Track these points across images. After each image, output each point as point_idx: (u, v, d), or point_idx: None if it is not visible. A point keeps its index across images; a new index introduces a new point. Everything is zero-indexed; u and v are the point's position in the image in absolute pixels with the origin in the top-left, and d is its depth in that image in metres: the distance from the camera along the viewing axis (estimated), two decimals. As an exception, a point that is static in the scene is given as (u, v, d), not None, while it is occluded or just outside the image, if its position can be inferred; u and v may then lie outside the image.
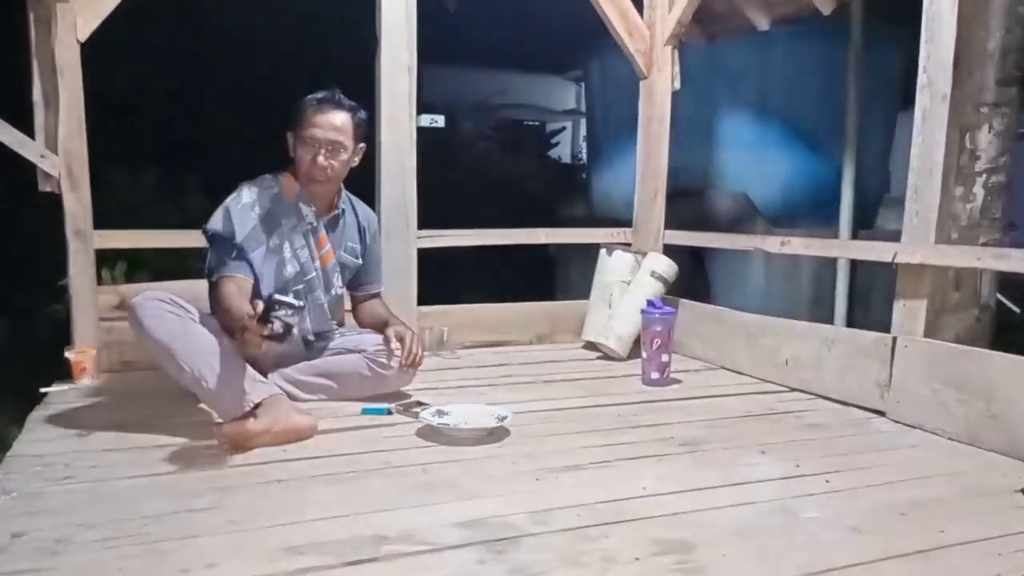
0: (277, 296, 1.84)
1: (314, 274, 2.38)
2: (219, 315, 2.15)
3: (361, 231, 2.55)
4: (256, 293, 2.20)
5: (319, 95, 2.30)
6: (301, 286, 2.34)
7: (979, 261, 2.22)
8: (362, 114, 2.37)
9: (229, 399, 1.95)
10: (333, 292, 2.45)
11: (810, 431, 2.21)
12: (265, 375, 2.24)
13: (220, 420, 1.94)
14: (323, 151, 2.26)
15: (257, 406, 1.96)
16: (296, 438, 2.00)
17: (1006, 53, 2.73)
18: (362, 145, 2.39)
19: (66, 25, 2.49)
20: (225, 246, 2.21)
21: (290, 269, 2.32)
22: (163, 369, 2.05)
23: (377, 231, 2.65)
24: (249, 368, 2.05)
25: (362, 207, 2.58)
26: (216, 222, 2.23)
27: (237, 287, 2.16)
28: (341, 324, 2.56)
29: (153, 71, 6.14)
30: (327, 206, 2.41)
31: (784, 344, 2.73)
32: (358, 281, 2.59)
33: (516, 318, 3.41)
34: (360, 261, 2.55)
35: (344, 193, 2.48)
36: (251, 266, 2.22)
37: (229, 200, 2.26)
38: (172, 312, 2.03)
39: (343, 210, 2.46)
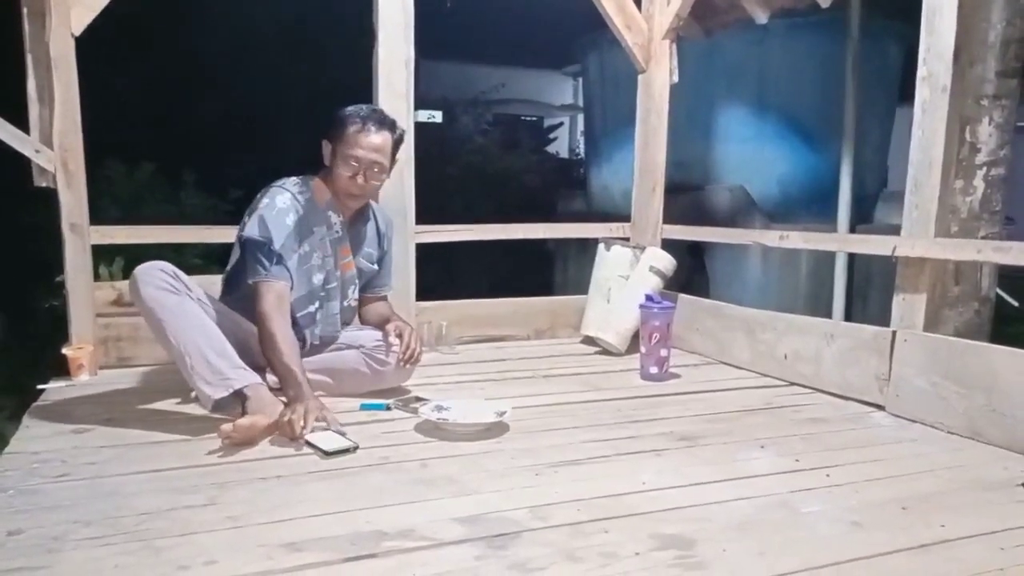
0: (329, 451, 1.86)
1: (335, 284, 2.38)
2: (265, 344, 2.12)
3: (380, 236, 2.55)
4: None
5: (363, 112, 2.29)
6: (323, 294, 2.36)
7: (979, 254, 2.21)
8: (400, 131, 2.38)
9: (209, 381, 1.97)
10: (346, 303, 2.46)
11: (810, 425, 2.21)
12: (263, 369, 2.24)
13: (228, 418, 1.94)
14: (363, 172, 2.27)
15: (239, 395, 1.99)
16: (278, 428, 2.01)
17: (1007, 45, 2.72)
18: (396, 159, 2.41)
19: (60, 19, 2.47)
20: (263, 251, 2.18)
21: (318, 277, 2.32)
22: (155, 338, 2.08)
23: (392, 235, 2.63)
24: (233, 354, 2.06)
25: (381, 212, 2.59)
26: (252, 230, 2.20)
27: (277, 296, 2.15)
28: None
29: (150, 65, 6.12)
30: (355, 215, 2.43)
31: (783, 338, 2.73)
32: (371, 284, 2.58)
33: (515, 313, 3.41)
34: (376, 267, 2.55)
35: (373, 205, 2.51)
36: (289, 271, 2.21)
37: (263, 207, 2.22)
38: (170, 284, 2.06)
39: (367, 223, 2.48)
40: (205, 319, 2.07)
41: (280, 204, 2.23)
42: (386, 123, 2.31)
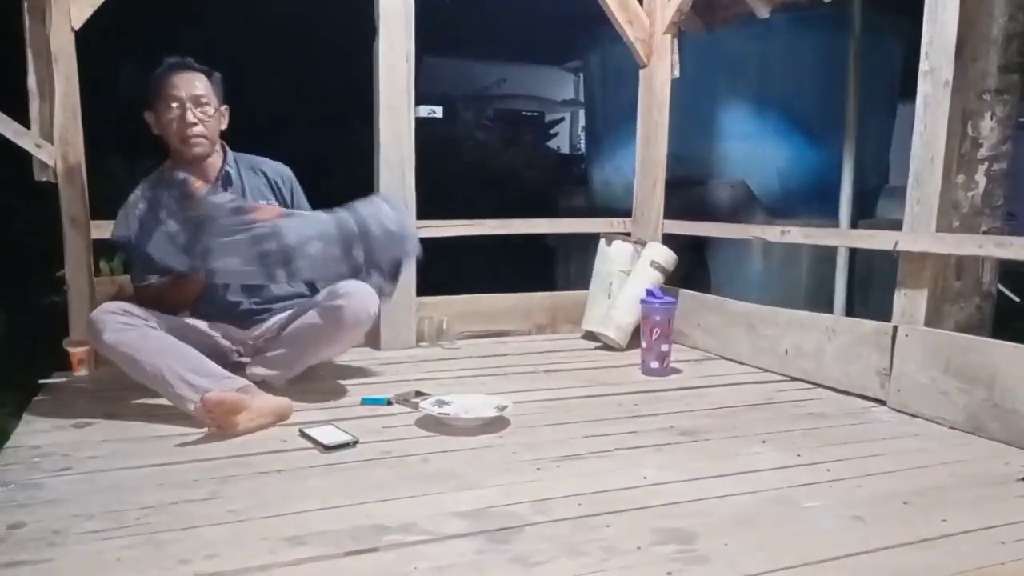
0: (329, 445, 1.87)
1: None
2: (172, 299, 2.25)
3: (273, 187, 2.50)
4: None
5: (166, 63, 2.30)
6: None
7: (981, 249, 2.21)
8: (216, 74, 2.36)
9: (195, 400, 1.96)
10: None
11: (811, 420, 2.21)
12: (259, 351, 2.26)
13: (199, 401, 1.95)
14: (188, 107, 2.26)
15: None
16: (277, 419, 2.02)
17: (1009, 39, 2.70)
18: (225, 106, 2.39)
19: (60, 13, 2.47)
20: (131, 253, 2.31)
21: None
22: (134, 378, 2.09)
23: (294, 182, 2.57)
24: (212, 367, 2.07)
25: (267, 163, 2.53)
26: (116, 228, 2.29)
27: (146, 293, 2.31)
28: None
29: (152, 63, 6.12)
30: (210, 172, 2.38)
31: (785, 334, 2.72)
32: None
33: (516, 308, 3.41)
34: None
35: (231, 155, 2.44)
36: (151, 262, 2.23)
37: (121, 208, 2.28)
38: (126, 322, 2.09)
39: (228, 173, 2.41)
40: (173, 342, 2.09)
41: (132, 197, 2.27)
42: (195, 66, 2.31)
